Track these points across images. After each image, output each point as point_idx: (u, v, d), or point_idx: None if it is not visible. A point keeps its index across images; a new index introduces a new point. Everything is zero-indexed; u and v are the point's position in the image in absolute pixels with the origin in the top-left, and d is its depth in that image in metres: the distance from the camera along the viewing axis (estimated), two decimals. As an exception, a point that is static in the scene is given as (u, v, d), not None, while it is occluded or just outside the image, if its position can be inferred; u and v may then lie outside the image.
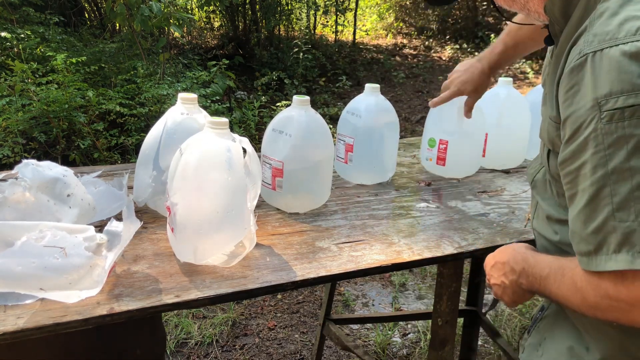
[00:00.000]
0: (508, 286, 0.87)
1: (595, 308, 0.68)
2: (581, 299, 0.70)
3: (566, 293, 0.73)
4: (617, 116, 0.61)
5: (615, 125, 0.62)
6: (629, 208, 0.62)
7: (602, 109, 0.62)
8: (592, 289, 0.68)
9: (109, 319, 0.83)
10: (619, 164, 0.62)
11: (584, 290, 0.69)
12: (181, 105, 1.21)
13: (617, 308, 0.66)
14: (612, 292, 0.65)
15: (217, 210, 0.97)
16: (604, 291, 0.66)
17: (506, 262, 0.87)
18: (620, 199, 0.62)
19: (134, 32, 4.44)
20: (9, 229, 0.86)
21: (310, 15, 8.19)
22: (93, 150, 3.65)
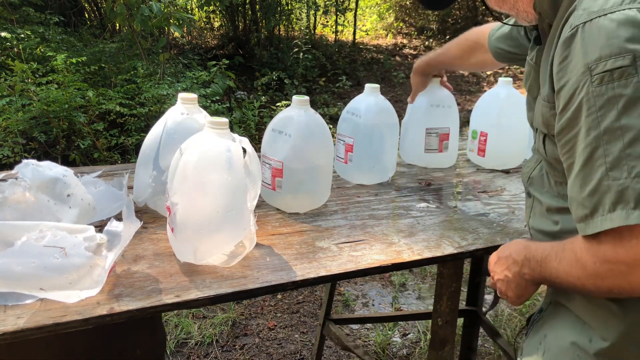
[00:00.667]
0: (512, 279, 0.87)
1: (596, 276, 0.68)
2: (581, 269, 0.69)
3: (566, 267, 0.73)
4: (607, 78, 0.64)
5: (605, 87, 0.64)
6: (622, 166, 0.63)
7: (592, 73, 0.65)
8: (592, 255, 0.67)
9: (109, 319, 0.83)
10: (610, 124, 0.64)
11: (583, 259, 0.69)
12: (181, 105, 1.21)
13: (617, 272, 0.65)
14: (610, 255, 0.65)
15: (217, 210, 0.97)
16: (602, 255, 0.66)
17: (508, 255, 0.88)
18: (613, 157, 0.63)
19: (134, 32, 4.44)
20: (9, 229, 0.86)
21: (310, 15, 8.18)
22: (93, 150, 3.65)
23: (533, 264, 0.81)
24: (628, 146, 0.62)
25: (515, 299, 0.89)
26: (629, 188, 0.62)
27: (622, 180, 0.63)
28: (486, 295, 2.51)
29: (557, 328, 0.85)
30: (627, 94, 0.63)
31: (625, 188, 0.62)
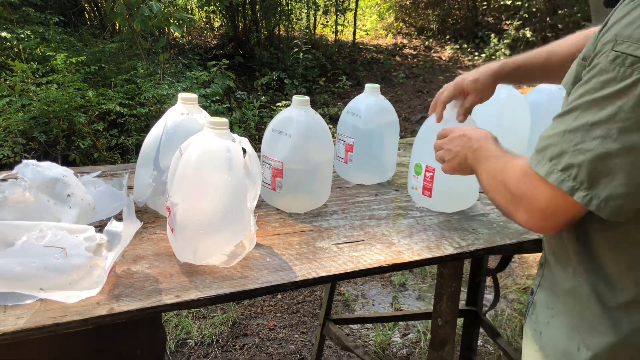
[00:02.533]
0: (459, 156, 0.99)
1: (505, 189, 0.79)
2: (501, 178, 0.80)
3: (494, 170, 0.84)
4: (620, 60, 0.64)
5: (612, 66, 0.64)
6: (576, 135, 0.67)
7: (613, 47, 0.65)
8: (519, 175, 0.76)
9: (109, 319, 0.83)
10: (595, 99, 0.66)
11: (511, 173, 0.78)
12: (181, 105, 1.21)
13: (517, 198, 0.76)
14: (525, 187, 0.74)
15: (217, 210, 0.97)
16: (522, 182, 0.75)
17: (472, 138, 0.97)
18: (577, 124, 0.67)
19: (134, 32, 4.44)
20: (9, 229, 0.87)
21: (310, 15, 8.19)
22: (93, 150, 3.65)
23: (477, 155, 0.93)
24: (591, 125, 0.66)
25: (448, 169, 1.03)
26: (566, 154, 0.68)
27: (567, 145, 0.68)
28: (486, 295, 2.52)
29: (551, 327, 0.85)
30: (624, 85, 0.63)
31: (565, 152, 0.68)
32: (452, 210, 1.35)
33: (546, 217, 0.73)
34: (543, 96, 1.69)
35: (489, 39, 8.22)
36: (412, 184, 1.37)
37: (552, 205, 0.71)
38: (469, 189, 1.35)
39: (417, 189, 1.34)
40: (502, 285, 2.81)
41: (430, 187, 1.31)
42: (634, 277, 0.72)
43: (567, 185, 0.68)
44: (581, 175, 0.66)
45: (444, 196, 1.31)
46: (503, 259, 1.79)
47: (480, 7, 9.37)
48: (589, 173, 0.66)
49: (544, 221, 0.74)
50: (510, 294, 2.77)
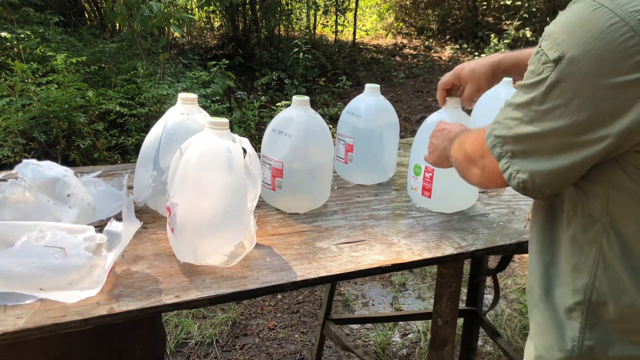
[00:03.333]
0: (439, 148, 1.05)
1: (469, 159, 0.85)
2: (464, 141, 0.89)
3: (461, 140, 0.92)
4: (538, 55, 0.67)
5: (535, 59, 0.68)
6: (508, 108, 0.73)
7: (540, 41, 0.68)
8: (476, 136, 0.83)
9: (109, 319, 0.83)
10: (522, 84, 0.70)
11: (471, 136, 0.87)
12: (181, 105, 1.20)
13: (470, 157, 0.84)
14: (475, 146, 0.83)
15: (217, 210, 0.97)
16: (475, 142, 0.83)
17: (452, 131, 1.03)
18: (511, 101, 0.72)
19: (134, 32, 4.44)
20: (9, 229, 0.87)
21: (310, 15, 8.19)
22: (93, 150, 3.65)
23: (454, 144, 0.97)
24: (515, 107, 0.71)
25: (430, 161, 1.12)
26: (500, 124, 0.74)
27: (502, 116, 0.74)
28: (486, 295, 2.52)
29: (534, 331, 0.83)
30: (536, 79, 0.67)
31: (499, 122, 0.74)
32: (452, 210, 1.35)
33: (490, 174, 0.78)
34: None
35: (489, 39, 8.22)
36: (412, 185, 1.37)
37: (489, 164, 0.77)
38: (468, 189, 1.35)
39: (417, 189, 1.35)
40: (502, 285, 2.81)
41: (429, 188, 1.31)
42: (575, 284, 0.72)
43: (496, 151, 0.74)
44: (506, 146, 0.72)
45: (443, 197, 1.31)
46: (503, 259, 1.79)
47: (480, 7, 9.36)
48: (511, 146, 0.71)
49: (490, 179, 0.79)
50: (510, 294, 2.77)
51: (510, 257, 1.94)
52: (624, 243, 0.67)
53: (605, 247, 0.68)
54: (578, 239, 0.71)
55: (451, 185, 1.28)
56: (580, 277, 0.71)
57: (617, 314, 0.68)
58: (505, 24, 8.75)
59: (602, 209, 0.68)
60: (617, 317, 0.69)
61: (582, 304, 0.71)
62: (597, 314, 0.70)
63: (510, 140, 0.71)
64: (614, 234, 0.67)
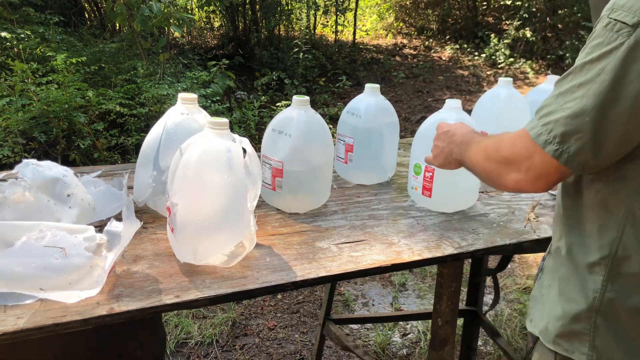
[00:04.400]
0: (444, 151, 1.05)
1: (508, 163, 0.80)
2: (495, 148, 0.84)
3: (484, 146, 0.88)
4: (610, 26, 0.69)
5: (604, 32, 0.69)
6: (565, 95, 0.72)
7: (609, 15, 0.70)
8: (513, 138, 0.79)
9: (109, 319, 0.83)
10: (585, 62, 0.71)
11: (505, 140, 0.82)
12: (181, 105, 1.20)
13: (509, 160, 0.79)
14: (516, 148, 0.78)
15: (217, 210, 0.97)
16: (515, 144, 0.78)
17: (457, 133, 1.02)
18: (568, 86, 0.72)
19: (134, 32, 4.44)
20: (9, 229, 0.86)
21: (310, 15, 8.19)
22: (93, 150, 3.65)
23: (463, 145, 0.97)
24: (577, 87, 0.70)
25: (436, 164, 1.10)
26: (552, 113, 0.73)
27: (556, 105, 0.73)
28: (486, 295, 2.52)
29: (551, 290, 0.87)
30: (607, 48, 0.68)
31: (552, 111, 0.73)
32: (452, 210, 1.35)
33: (534, 175, 0.76)
34: (543, 96, 1.69)
35: (489, 39, 8.21)
36: (412, 184, 1.37)
37: (537, 161, 0.74)
38: (469, 189, 1.35)
39: (417, 189, 1.35)
40: (502, 285, 2.81)
41: (429, 187, 1.31)
42: (600, 242, 0.77)
43: (541, 139, 0.73)
44: (555, 130, 0.71)
45: (443, 196, 1.32)
46: (503, 259, 1.79)
47: (480, 7, 9.36)
48: (563, 128, 0.71)
49: (534, 180, 0.77)
50: (510, 294, 2.77)
51: (510, 257, 1.94)
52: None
53: (635, 206, 0.73)
54: (606, 200, 0.76)
55: (451, 184, 1.29)
56: (607, 234, 0.76)
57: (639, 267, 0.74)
58: (505, 24, 8.75)
59: (637, 169, 0.72)
60: (638, 270, 0.74)
61: (607, 258, 0.76)
62: (620, 267, 0.75)
63: (565, 121, 0.71)
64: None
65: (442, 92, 6.71)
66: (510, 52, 7.86)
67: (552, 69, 7.69)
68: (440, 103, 6.04)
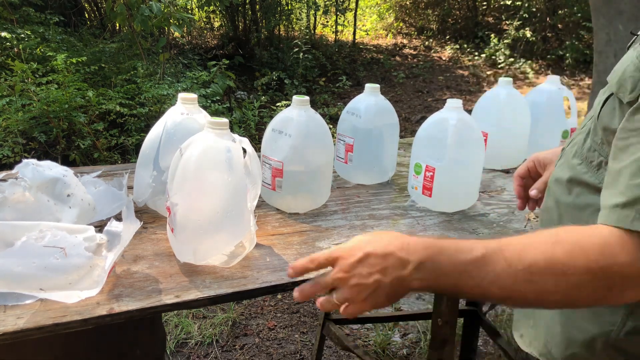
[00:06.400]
0: (385, 285, 0.66)
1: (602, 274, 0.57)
2: (584, 263, 0.58)
3: (537, 264, 0.59)
4: None
5: None
6: None
7: None
8: (598, 247, 0.57)
9: (109, 319, 0.83)
10: None
11: (579, 252, 0.58)
12: (181, 105, 1.20)
13: (610, 275, 0.57)
14: (617, 257, 0.56)
15: (217, 210, 0.97)
16: (609, 253, 0.57)
17: (390, 253, 0.67)
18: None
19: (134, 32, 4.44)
20: (9, 229, 0.86)
21: (310, 15, 8.19)
22: (93, 150, 3.65)
23: (445, 267, 0.64)
24: None
25: (361, 310, 0.69)
26: None
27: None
28: (486, 296, 2.51)
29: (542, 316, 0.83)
30: None
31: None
32: (452, 210, 1.35)
33: None
34: (543, 96, 1.70)
35: (489, 39, 8.22)
36: (412, 184, 1.37)
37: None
38: (469, 188, 1.35)
39: (417, 188, 1.35)
40: (502, 285, 2.81)
41: (430, 187, 1.31)
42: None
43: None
44: None
45: (444, 196, 1.32)
46: (503, 259, 1.79)
47: (480, 7, 9.36)
48: None
49: None
50: (510, 294, 2.77)
51: (510, 257, 1.94)
52: None
53: None
54: None
55: (452, 184, 1.29)
56: None
57: None
58: (505, 24, 8.75)
59: None
60: None
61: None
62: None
63: None
64: None
65: (442, 92, 6.71)
66: (510, 52, 7.86)
67: (552, 69, 7.69)
68: (440, 103, 6.04)
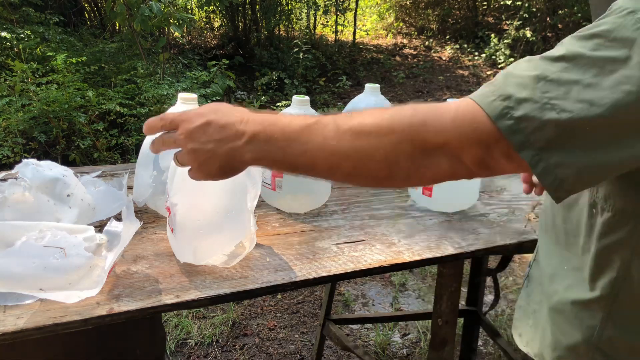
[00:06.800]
0: (218, 155, 0.68)
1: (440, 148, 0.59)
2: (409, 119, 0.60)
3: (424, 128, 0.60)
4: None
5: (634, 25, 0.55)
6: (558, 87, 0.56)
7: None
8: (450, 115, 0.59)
9: (108, 319, 0.83)
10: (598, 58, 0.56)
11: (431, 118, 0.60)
12: (181, 105, 1.20)
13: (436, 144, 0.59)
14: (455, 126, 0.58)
15: (217, 210, 0.97)
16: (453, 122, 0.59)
17: (229, 124, 0.68)
18: (564, 77, 0.56)
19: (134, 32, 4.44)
20: (9, 229, 0.86)
21: (310, 15, 8.19)
22: (93, 150, 3.65)
23: (276, 137, 0.65)
24: (583, 87, 0.55)
25: (202, 176, 0.72)
26: (534, 103, 0.56)
27: (538, 94, 0.56)
28: (486, 295, 2.52)
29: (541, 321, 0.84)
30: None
31: (532, 100, 0.56)
32: (452, 210, 1.35)
33: (477, 166, 0.60)
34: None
35: (489, 39, 8.22)
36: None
37: (490, 153, 0.58)
38: (469, 189, 1.35)
39: (417, 188, 1.35)
40: (502, 285, 2.81)
41: (430, 187, 1.31)
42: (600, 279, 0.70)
43: (517, 139, 0.56)
44: (541, 133, 0.55)
45: (444, 196, 1.31)
46: (503, 259, 1.79)
47: (480, 7, 9.36)
48: (552, 134, 0.55)
49: (473, 170, 0.61)
50: (510, 294, 2.77)
51: (510, 257, 1.94)
52: None
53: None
54: (605, 234, 0.67)
55: (452, 184, 1.28)
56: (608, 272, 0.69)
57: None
58: (505, 24, 8.75)
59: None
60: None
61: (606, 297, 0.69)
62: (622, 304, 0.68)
63: (559, 128, 0.54)
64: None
65: (442, 92, 6.71)
66: (510, 52, 7.86)
67: (552, 69, 7.67)
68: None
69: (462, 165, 0.60)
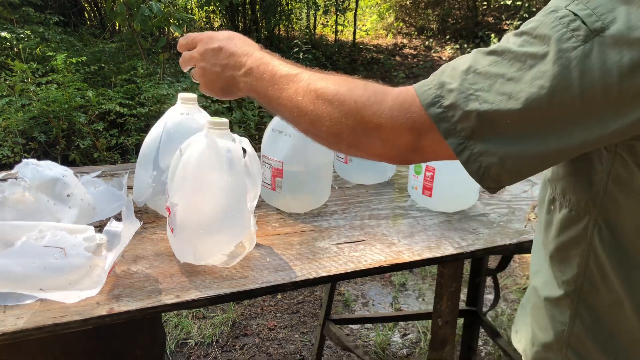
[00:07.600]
0: (221, 79, 0.81)
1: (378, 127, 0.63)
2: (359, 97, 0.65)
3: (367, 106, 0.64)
4: (567, 19, 0.57)
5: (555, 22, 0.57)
6: (484, 79, 0.59)
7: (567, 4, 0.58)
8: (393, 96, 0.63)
9: (108, 319, 0.83)
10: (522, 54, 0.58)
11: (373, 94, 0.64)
12: (181, 105, 1.20)
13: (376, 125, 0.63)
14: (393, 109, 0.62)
15: (217, 210, 0.97)
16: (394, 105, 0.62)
17: (235, 53, 0.79)
18: (491, 70, 0.59)
19: (134, 32, 4.44)
20: (9, 229, 0.86)
21: (310, 15, 8.19)
22: (93, 150, 3.65)
23: (265, 76, 0.74)
24: (505, 80, 0.58)
25: (209, 92, 0.86)
26: (460, 94, 0.58)
27: (466, 85, 0.59)
28: (486, 295, 2.52)
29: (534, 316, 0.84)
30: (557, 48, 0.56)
31: (460, 91, 0.58)
32: (453, 210, 1.35)
33: (409, 151, 0.63)
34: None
35: (489, 39, 8.22)
36: (412, 184, 1.37)
37: (421, 140, 0.62)
38: (469, 188, 1.35)
39: (417, 188, 1.35)
40: (502, 285, 2.81)
41: (430, 187, 1.31)
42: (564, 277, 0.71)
43: (444, 126, 0.59)
44: (466, 122, 0.58)
45: (444, 196, 1.31)
46: (503, 259, 1.79)
47: (480, 7, 9.37)
48: (476, 124, 0.57)
49: (405, 154, 0.64)
50: (510, 294, 2.77)
51: (510, 257, 1.94)
52: (619, 239, 0.63)
53: (596, 243, 0.64)
54: (564, 231, 0.69)
55: (452, 184, 1.29)
56: (569, 269, 0.69)
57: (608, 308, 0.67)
58: (505, 24, 8.75)
59: (594, 200, 0.63)
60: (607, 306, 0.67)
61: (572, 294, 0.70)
62: (588, 301, 0.69)
63: (481, 118, 0.57)
64: (606, 229, 0.64)
65: (442, 92, 6.71)
66: (510, 52, 7.84)
67: (552, 69, 7.68)
68: (440, 103, 6.02)
69: (395, 149, 0.64)
